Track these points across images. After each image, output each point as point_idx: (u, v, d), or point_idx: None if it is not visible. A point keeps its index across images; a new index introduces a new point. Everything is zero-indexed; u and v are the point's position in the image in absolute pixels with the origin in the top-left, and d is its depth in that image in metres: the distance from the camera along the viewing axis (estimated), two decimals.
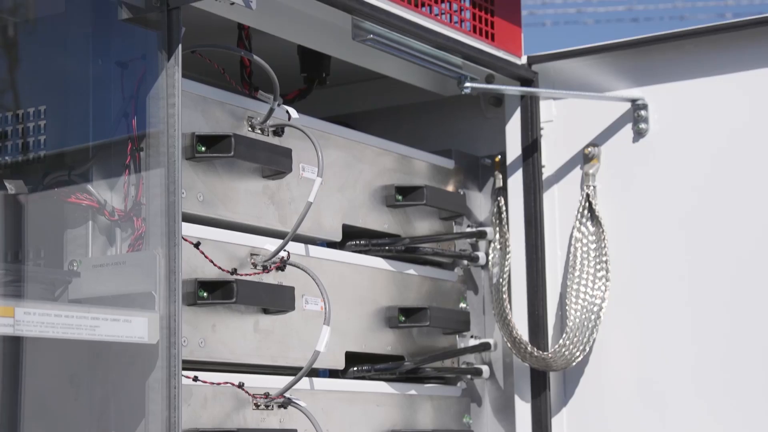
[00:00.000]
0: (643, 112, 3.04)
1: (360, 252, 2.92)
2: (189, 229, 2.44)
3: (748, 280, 2.92)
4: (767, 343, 2.89)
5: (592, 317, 3.01)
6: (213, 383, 2.44)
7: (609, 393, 3.04)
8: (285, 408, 2.57)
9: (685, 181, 3.01)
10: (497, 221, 3.17)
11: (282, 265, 2.60)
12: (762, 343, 2.89)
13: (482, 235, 3.20)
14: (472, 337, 3.20)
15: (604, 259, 3.04)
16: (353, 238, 2.91)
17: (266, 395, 2.54)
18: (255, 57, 2.57)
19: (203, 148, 2.48)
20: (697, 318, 2.96)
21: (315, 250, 2.76)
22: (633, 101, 3.05)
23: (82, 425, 2.29)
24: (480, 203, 3.26)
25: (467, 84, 3.00)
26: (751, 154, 2.95)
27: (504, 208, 3.16)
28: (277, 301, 2.58)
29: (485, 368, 3.19)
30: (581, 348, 3.00)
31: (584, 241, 3.07)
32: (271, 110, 2.61)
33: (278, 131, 2.66)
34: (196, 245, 2.44)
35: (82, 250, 2.36)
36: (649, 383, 3.00)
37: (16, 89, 2.46)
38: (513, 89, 3.11)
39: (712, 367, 2.94)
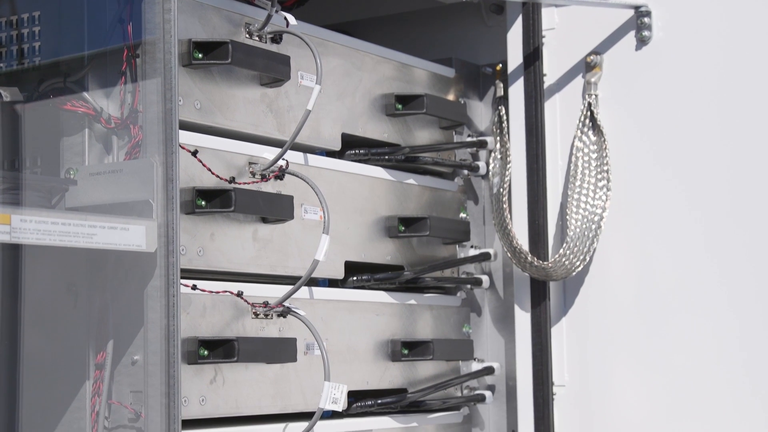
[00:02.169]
0: (646, 20, 3.00)
1: (359, 161, 2.90)
2: (186, 137, 2.42)
3: (750, 191, 2.90)
4: None
5: (593, 227, 3.00)
6: (212, 292, 2.43)
7: (609, 302, 3.04)
8: (284, 317, 2.57)
9: (688, 90, 2.98)
10: (498, 130, 3.15)
11: (280, 174, 2.58)
12: (763, 252, 2.89)
13: (483, 144, 3.18)
14: (472, 247, 3.19)
15: (605, 168, 3.02)
16: (352, 147, 2.89)
17: (265, 304, 2.53)
18: None
19: (200, 55, 2.45)
20: (699, 227, 2.95)
21: (314, 159, 2.74)
22: (636, 8, 3.01)
23: (80, 333, 2.29)
24: (481, 112, 3.24)
25: None
26: (758, 61, 2.91)
27: (505, 117, 3.14)
28: (275, 210, 2.57)
29: (485, 278, 3.19)
30: (581, 258, 2.99)
31: (585, 150, 3.05)
32: (269, 17, 2.58)
33: (276, 38, 2.63)
34: (194, 153, 2.43)
35: (78, 158, 2.34)
36: (649, 293, 3.00)
37: None
38: None
39: (714, 277, 2.93)
